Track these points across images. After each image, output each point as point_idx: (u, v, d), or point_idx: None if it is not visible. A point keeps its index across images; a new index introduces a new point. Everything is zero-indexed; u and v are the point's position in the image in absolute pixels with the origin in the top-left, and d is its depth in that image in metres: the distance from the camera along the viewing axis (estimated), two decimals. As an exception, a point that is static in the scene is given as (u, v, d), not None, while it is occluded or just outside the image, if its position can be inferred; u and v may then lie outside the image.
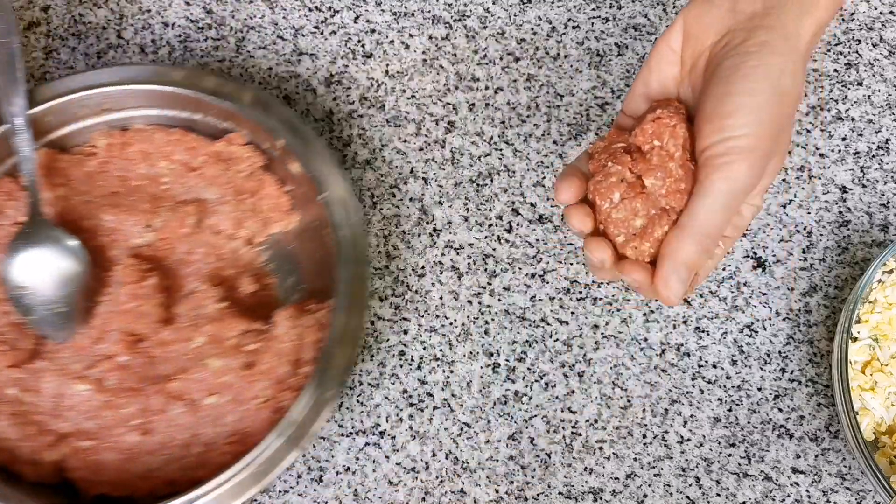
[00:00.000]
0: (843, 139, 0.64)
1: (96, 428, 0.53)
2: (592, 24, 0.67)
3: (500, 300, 0.60)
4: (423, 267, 0.61)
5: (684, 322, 0.60)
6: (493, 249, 0.61)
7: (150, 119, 0.60)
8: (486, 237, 0.61)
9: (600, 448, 0.57)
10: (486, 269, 0.61)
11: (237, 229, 0.58)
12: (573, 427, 0.58)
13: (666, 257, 0.41)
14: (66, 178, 0.58)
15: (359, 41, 0.66)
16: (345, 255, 0.55)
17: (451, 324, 0.59)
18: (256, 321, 0.55)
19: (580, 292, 0.60)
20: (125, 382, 0.54)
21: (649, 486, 0.57)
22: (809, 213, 0.62)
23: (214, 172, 0.59)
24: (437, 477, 0.57)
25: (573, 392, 0.58)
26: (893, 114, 0.65)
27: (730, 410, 0.58)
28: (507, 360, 0.59)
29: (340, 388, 0.52)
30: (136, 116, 0.60)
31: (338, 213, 0.56)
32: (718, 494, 0.57)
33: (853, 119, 0.64)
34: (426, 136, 0.64)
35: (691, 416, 0.58)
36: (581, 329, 0.59)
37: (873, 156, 0.64)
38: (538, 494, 0.56)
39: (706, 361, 0.59)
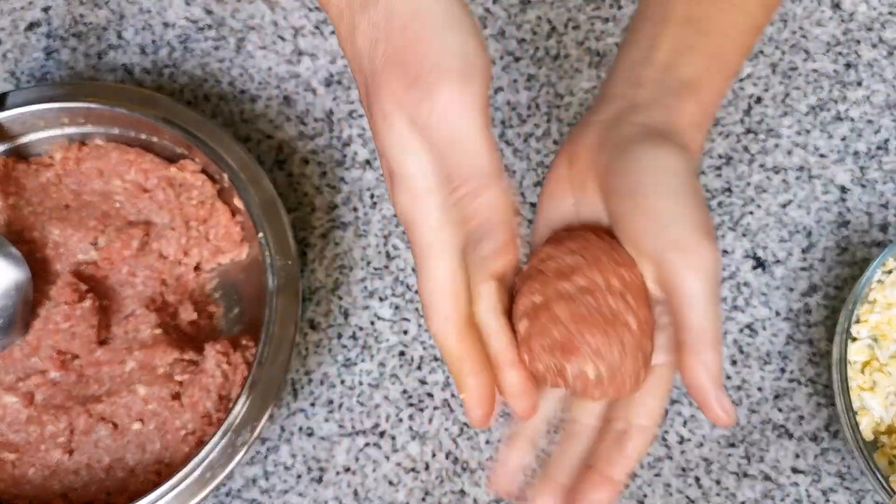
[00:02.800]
0: (843, 139, 0.64)
1: (21, 441, 0.53)
2: (592, 24, 0.67)
3: (500, 300, 0.60)
4: (423, 267, 0.61)
5: (684, 322, 0.60)
6: (493, 249, 0.61)
7: (111, 136, 0.60)
8: (486, 237, 0.61)
9: (600, 448, 0.57)
10: (486, 270, 0.61)
11: (184, 256, 0.58)
12: (573, 427, 0.58)
13: (700, 388, 0.36)
14: (20, 187, 0.58)
15: (359, 41, 0.66)
16: (272, 300, 0.54)
17: (451, 324, 0.59)
18: (190, 351, 0.55)
19: (580, 292, 0.60)
20: (54, 399, 0.54)
21: (649, 485, 0.57)
22: (809, 213, 0.62)
23: (165, 197, 0.58)
24: (437, 477, 0.57)
25: (573, 392, 0.58)
26: (893, 114, 0.65)
27: (729, 410, 0.58)
28: (507, 360, 0.59)
29: (251, 436, 0.51)
30: (97, 132, 0.60)
31: (271, 256, 0.55)
32: (718, 494, 0.57)
33: (852, 119, 0.65)
34: (426, 136, 0.64)
35: (691, 416, 0.58)
36: (581, 329, 0.59)
37: (873, 156, 0.64)
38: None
39: (706, 361, 0.59)
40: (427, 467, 0.57)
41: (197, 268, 0.59)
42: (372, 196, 0.62)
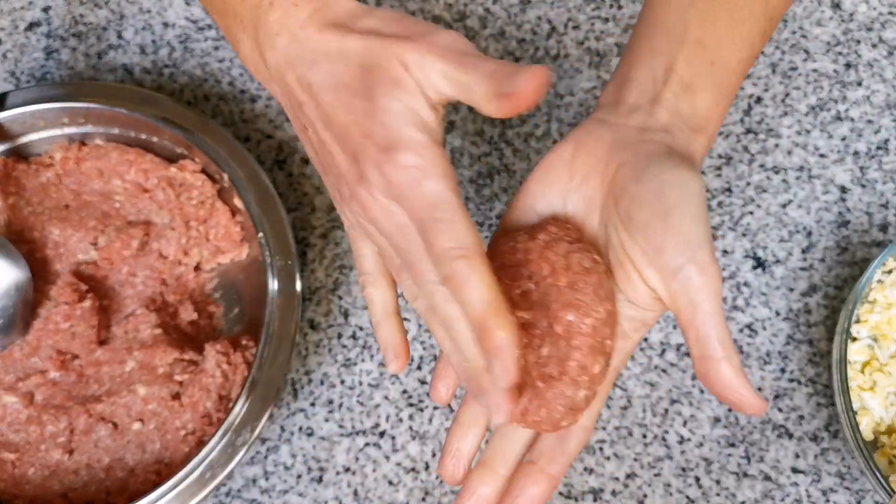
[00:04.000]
0: (843, 139, 0.64)
1: (21, 441, 0.53)
2: (592, 24, 0.67)
3: (500, 300, 0.60)
4: (423, 267, 0.61)
5: (684, 322, 0.60)
6: (493, 249, 0.61)
7: (111, 136, 0.60)
8: (486, 237, 0.61)
9: (600, 448, 0.57)
10: (486, 270, 0.61)
11: (184, 256, 0.58)
12: (573, 427, 0.58)
13: (739, 387, 0.39)
14: (20, 187, 0.58)
15: (359, 41, 0.66)
16: (272, 300, 0.54)
17: (451, 324, 0.59)
18: (191, 351, 0.55)
19: (580, 292, 0.60)
20: (54, 399, 0.54)
21: (649, 486, 0.57)
22: (809, 213, 0.62)
23: (165, 197, 0.59)
24: (437, 477, 0.57)
25: (573, 392, 0.58)
26: (892, 114, 0.65)
27: (730, 410, 0.58)
28: (507, 360, 0.59)
29: (251, 436, 0.51)
30: (97, 132, 0.60)
31: (271, 256, 0.55)
32: (718, 494, 0.57)
33: (852, 119, 0.65)
34: (426, 136, 0.64)
35: (691, 416, 0.58)
36: (581, 329, 0.59)
37: (872, 156, 0.64)
38: (538, 494, 0.56)
39: (706, 361, 0.59)
40: (427, 467, 0.57)
41: (197, 268, 0.59)
42: (372, 196, 0.62)
